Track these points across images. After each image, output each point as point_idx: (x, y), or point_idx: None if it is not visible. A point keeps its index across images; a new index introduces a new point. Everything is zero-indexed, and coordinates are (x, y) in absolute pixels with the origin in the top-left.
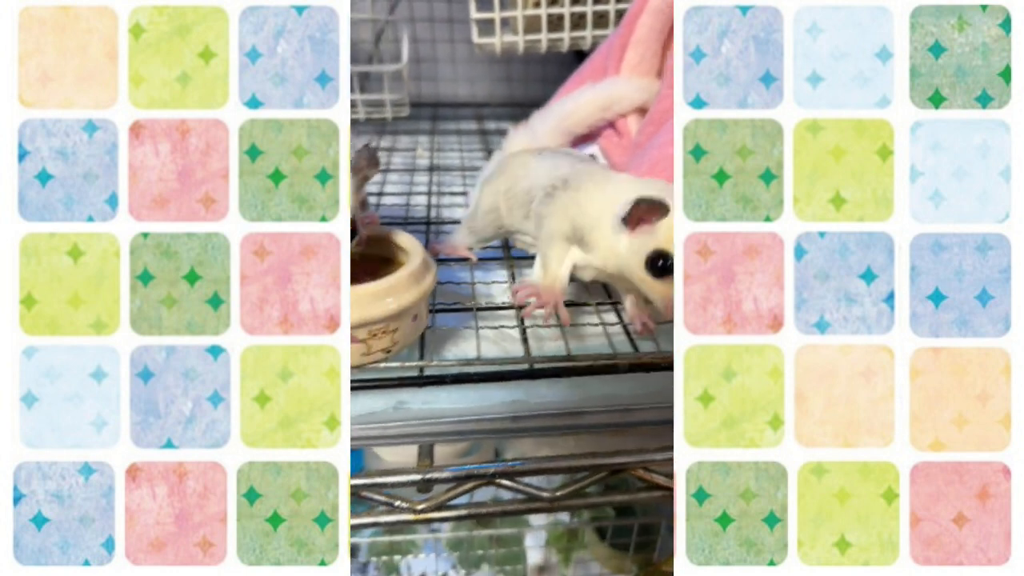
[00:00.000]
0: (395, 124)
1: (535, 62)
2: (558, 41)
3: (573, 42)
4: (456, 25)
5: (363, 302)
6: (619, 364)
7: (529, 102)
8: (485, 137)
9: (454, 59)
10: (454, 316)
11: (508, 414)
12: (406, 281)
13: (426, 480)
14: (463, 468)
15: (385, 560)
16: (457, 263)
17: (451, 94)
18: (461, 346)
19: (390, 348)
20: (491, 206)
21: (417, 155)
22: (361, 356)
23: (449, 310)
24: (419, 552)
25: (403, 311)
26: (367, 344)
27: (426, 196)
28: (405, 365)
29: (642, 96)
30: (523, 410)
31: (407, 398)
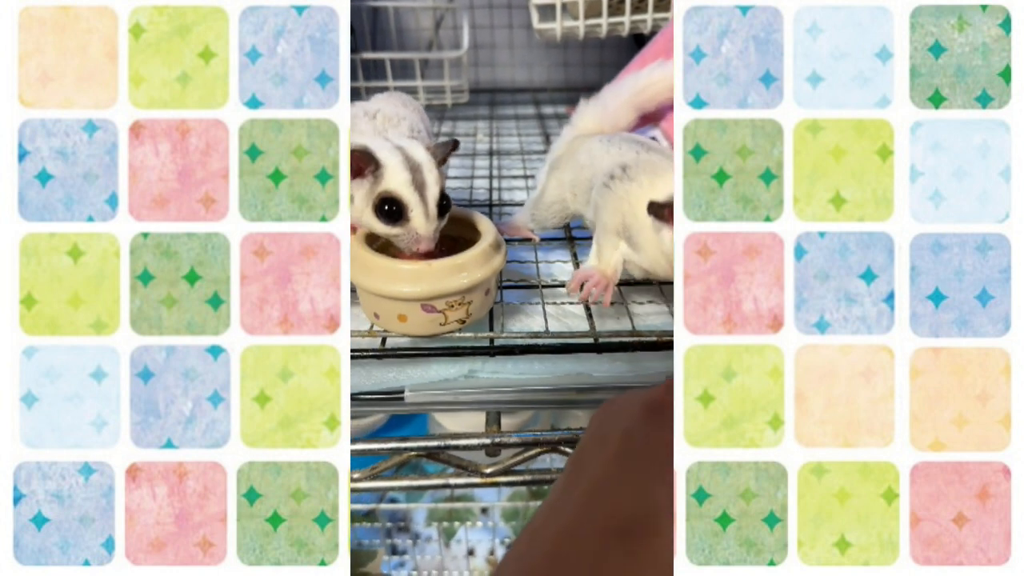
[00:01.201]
0: (454, 110)
1: (592, 47)
2: (618, 25)
3: (633, 25)
4: (515, 11)
5: (440, 276)
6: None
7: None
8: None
9: (512, 45)
10: (520, 293)
11: (572, 385)
12: (479, 258)
13: (495, 444)
14: (530, 435)
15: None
16: (520, 243)
17: (508, 79)
18: (526, 321)
19: (464, 319)
20: (556, 197)
21: (477, 140)
22: (439, 326)
23: (516, 287)
24: (476, 520)
25: (476, 285)
26: (444, 315)
27: (487, 179)
28: (478, 336)
29: None
30: (587, 382)
31: (478, 367)
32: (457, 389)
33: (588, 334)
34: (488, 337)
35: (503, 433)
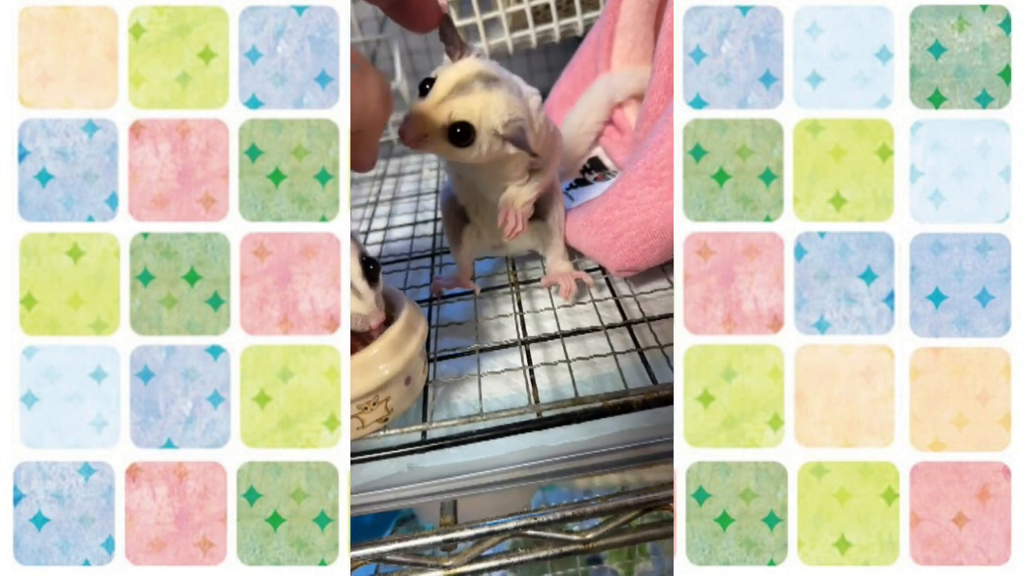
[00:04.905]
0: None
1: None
2: (548, 32)
3: (565, 29)
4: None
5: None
6: (632, 402)
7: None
8: None
9: None
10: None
11: (527, 462)
12: (387, 350)
13: (447, 541)
14: (483, 525)
15: None
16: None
17: None
18: (471, 390)
19: (386, 417)
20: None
21: (424, 177)
22: (356, 431)
23: (452, 356)
24: None
25: (392, 379)
26: (359, 419)
27: (432, 223)
28: (405, 431)
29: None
30: (541, 456)
31: (416, 460)
32: (401, 485)
33: (530, 408)
34: (419, 430)
35: (456, 527)
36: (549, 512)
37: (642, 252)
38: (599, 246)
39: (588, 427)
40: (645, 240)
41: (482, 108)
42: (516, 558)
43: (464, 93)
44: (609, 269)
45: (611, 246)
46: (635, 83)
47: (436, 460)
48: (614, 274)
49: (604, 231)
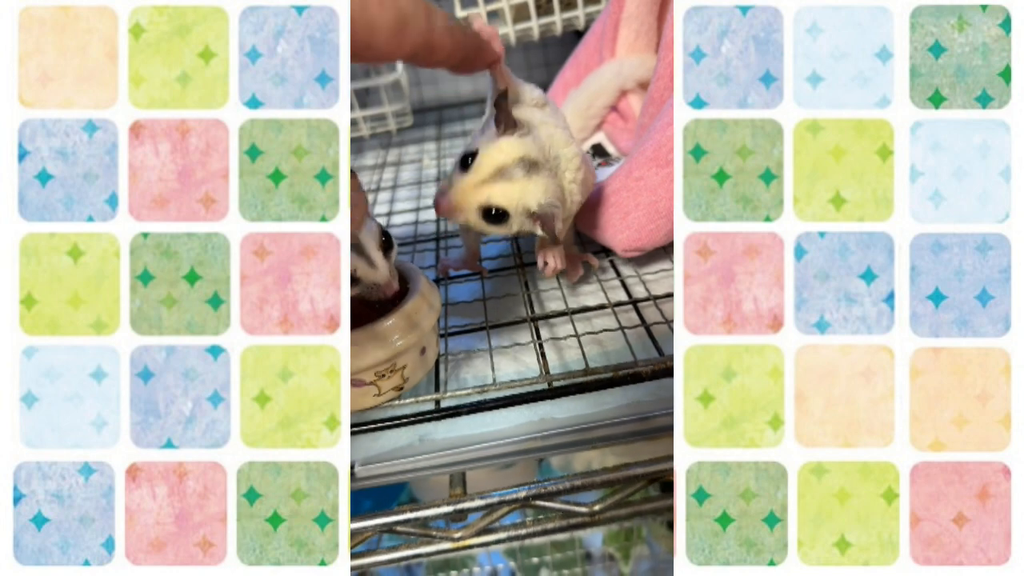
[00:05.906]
0: (401, 135)
1: (535, 47)
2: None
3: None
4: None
5: (364, 346)
6: (642, 372)
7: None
8: None
9: None
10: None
11: (535, 433)
12: (403, 320)
13: (457, 511)
14: (493, 495)
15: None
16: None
17: (454, 94)
18: (480, 367)
19: (401, 385)
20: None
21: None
22: (373, 398)
23: (462, 332)
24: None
25: (408, 348)
26: (376, 386)
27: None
28: (420, 400)
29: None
30: (550, 427)
31: (429, 430)
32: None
33: (541, 379)
34: (432, 400)
35: (465, 497)
36: (559, 482)
37: (649, 232)
38: (606, 226)
39: (595, 400)
40: (652, 220)
41: (520, 195)
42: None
43: (504, 179)
44: (616, 250)
45: (619, 226)
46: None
47: (447, 431)
48: (620, 254)
49: (612, 212)
